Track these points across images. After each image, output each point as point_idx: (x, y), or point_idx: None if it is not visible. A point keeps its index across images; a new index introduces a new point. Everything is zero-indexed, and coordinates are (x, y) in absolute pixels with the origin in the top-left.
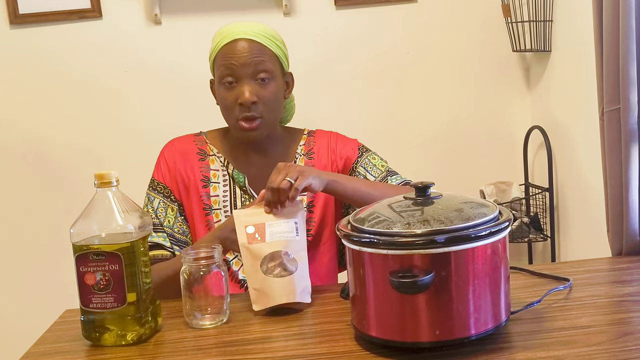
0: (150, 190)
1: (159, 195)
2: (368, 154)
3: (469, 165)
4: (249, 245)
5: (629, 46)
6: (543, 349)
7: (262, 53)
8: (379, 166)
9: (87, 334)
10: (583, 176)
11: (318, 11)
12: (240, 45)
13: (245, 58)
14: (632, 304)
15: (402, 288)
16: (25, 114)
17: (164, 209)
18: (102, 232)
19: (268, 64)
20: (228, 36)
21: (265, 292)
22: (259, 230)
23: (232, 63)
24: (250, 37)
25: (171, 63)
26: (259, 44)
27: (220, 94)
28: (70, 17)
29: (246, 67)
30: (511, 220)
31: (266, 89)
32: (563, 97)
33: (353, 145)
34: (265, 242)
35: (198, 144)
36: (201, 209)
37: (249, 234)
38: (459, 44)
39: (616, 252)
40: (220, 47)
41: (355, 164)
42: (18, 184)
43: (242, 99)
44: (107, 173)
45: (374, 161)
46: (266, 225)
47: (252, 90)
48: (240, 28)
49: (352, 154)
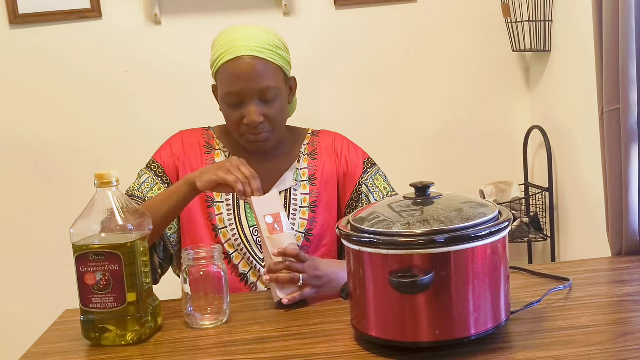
0: (144, 168)
1: (150, 172)
2: (373, 170)
3: (469, 165)
4: (270, 236)
5: (628, 46)
6: (543, 349)
7: (265, 71)
8: (381, 188)
9: (87, 334)
10: (583, 176)
11: (318, 11)
12: (243, 65)
13: (249, 80)
14: (632, 304)
15: (402, 288)
16: (25, 114)
17: (149, 184)
18: (102, 232)
19: (273, 82)
20: (230, 51)
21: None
22: (277, 220)
23: (236, 85)
24: (252, 54)
25: (171, 63)
26: (262, 60)
27: (225, 110)
28: (70, 17)
29: (251, 89)
30: (511, 220)
31: (272, 106)
32: (563, 97)
33: (359, 156)
34: (284, 232)
35: (206, 138)
36: (203, 200)
37: (268, 224)
38: (459, 44)
39: (616, 252)
40: (222, 63)
41: (361, 179)
42: (18, 183)
43: (248, 120)
44: (107, 173)
45: (377, 182)
46: (281, 215)
47: (258, 110)
48: (243, 42)
49: (358, 168)
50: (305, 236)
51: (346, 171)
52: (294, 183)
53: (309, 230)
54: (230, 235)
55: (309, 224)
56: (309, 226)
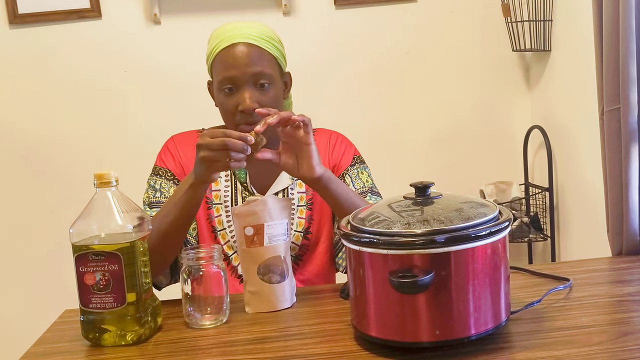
0: (153, 176)
1: (161, 178)
2: (360, 165)
3: (469, 165)
4: (247, 249)
5: (629, 45)
6: (543, 349)
7: (260, 57)
8: (364, 180)
9: (87, 334)
10: (583, 176)
11: (318, 11)
12: (238, 51)
13: (244, 65)
14: (632, 304)
15: (402, 288)
16: (24, 113)
17: (167, 190)
18: (101, 232)
19: (267, 69)
20: (225, 40)
21: (261, 297)
22: (258, 232)
23: (231, 70)
24: (248, 41)
25: (170, 63)
26: (258, 47)
27: (220, 99)
28: (69, 17)
29: (245, 74)
30: (511, 220)
31: (266, 94)
32: (563, 96)
33: (350, 151)
34: (264, 246)
35: None
36: (204, 202)
37: (247, 236)
38: (459, 44)
39: (616, 252)
40: (218, 51)
41: (346, 170)
42: (17, 183)
43: (242, 107)
44: (106, 173)
45: (362, 175)
46: (265, 227)
47: (252, 97)
48: (237, 30)
49: (347, 160)
50: (304, 235)
51: (336, 163)
52: (290, 182)
53: (307, 228)
54: (229, 237)
55: (307, 222)
56: (306, 225)
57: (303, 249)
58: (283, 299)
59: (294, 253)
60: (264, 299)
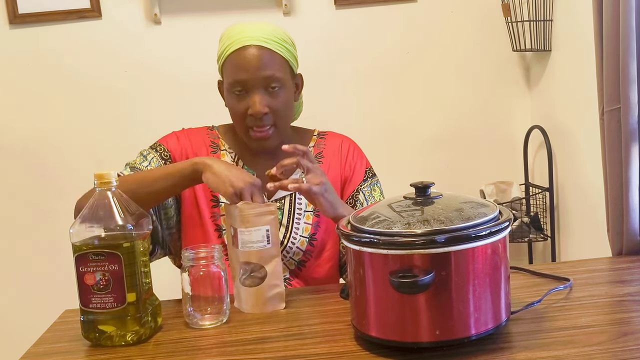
0: (149, 149)
1: (156, 153)
2: (372, 180)
3: (469, 165)
4: (232, 247)
5: (629, 45)
6: (543, 349)
7: (272, 61)
8: (376, 197)
9: (87, 334)
10: (583, 176)
11: (318, 11)
12: (249, 54)
13: (255, 68)
14: (632, 304)
15: (402, 288)
16: (24, 113)
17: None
18: (101, 232)
19: (278, 72)
20: (237, 42)
21: (238, 297)
22: (235, 235)
23: (241, 73)
24: (259, 44)
25: (171, 63)
26: (269, 50)
27: (230, 102)
28: (69, 17)
29: (256, 78)
30: (511, 220)
31: (277, 98)
32: (563, 96)
33: (362, 164)
34: (238, 249)
35: (211, 137)
36: (209, 200)
37: (231, 235)
38: (459, 44)
39: (616, 252)
40: (229, 53)
41: (360, 186)
42: (17, 183)
43: (252, 111)
44: (106, 173)
45: (374, 193)
46: (238, 232)
47: (263, 101)
48: (249, 33)
49: (359, 175)
50: (310, 241)
51: (348, 176)
52: None
53: (313, 234)
54: None
55: (313, 229)
56: (312, 231)
57: (307, 255)
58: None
59: (298, 258)
60: (242, 300)
